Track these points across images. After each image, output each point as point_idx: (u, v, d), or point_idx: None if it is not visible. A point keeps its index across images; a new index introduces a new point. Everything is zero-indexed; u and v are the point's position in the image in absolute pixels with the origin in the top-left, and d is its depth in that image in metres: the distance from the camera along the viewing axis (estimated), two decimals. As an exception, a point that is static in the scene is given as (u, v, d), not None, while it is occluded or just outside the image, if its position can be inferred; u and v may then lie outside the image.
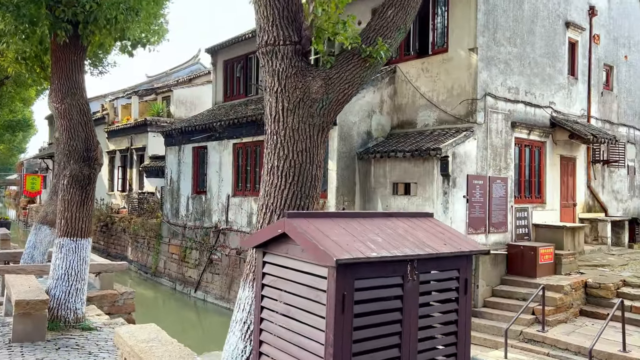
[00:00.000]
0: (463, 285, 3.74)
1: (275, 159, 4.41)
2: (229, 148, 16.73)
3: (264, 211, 4.41)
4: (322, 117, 4.48)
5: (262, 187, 4.52)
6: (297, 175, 4.37)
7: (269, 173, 4.45)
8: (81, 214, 6.91)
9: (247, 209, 15.73)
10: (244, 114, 15.79)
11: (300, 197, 4.38)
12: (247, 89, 19.71)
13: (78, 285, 6.90)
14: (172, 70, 36.60)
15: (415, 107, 13.43)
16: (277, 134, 4.42)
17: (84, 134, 7.00)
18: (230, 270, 15.92)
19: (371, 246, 3.27)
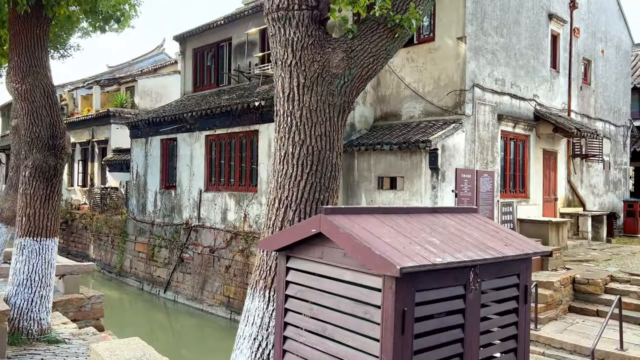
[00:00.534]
0: (523, 294, 3.17)
1: (289, 144, 3.74)
2: (200, 140, 15.84)
3: (277, 206, 3.74)
4: (343, 96, 3.83)
5: (273, 178, 3.85)
6: (316, 164, 3.71)
7: (282, 161, 3.77)
8: (46, 210, 6.04)
9: (221, 204, 14.91)
10: (218, 104, 14.94)
11: (319, 190, 3.73)
12: (218, 79, 18.79)
13: (43, 292, 6.04)
14: (135, 60, 35.11)
15: (399, 99, 12.92)
16: (291, 115, 3.75)
17: (48, 118, 6.12)
18: (203, 270, 15.07)
19: (431, 249, 2.65)
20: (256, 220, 13.71)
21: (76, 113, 26.58)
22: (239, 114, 14.15)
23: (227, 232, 14.55)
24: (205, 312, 14.68)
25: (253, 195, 13.91)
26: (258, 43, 16.86)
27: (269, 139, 13.45)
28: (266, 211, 3.88)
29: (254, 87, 16.04)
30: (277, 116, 3.89)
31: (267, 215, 3.83)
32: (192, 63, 19.70)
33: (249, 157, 14.31)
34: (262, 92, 14.45)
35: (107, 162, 22.53)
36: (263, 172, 13.58)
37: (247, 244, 13.81)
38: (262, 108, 13.36)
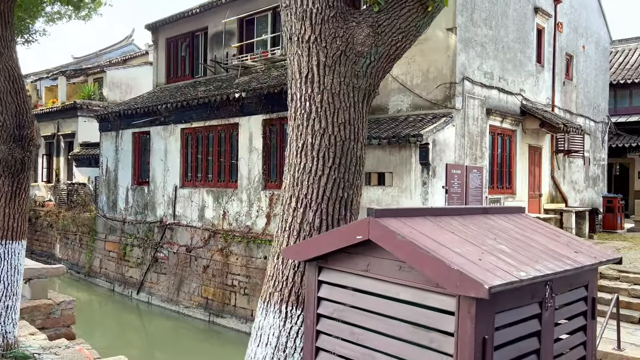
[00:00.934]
0: (591, 308, 2.72)
1: (308, 133, 3.20)
2: (176, 134, 15.08)
3: (294, 206, 3.19)
4: (369, 78, 3.31)
5: (287, 173, 3.30)
6: (339, 157, 3.19)
7: (299, 154, 3.23)
8: (12, 209, 5.33)
9: (198, 201, 14.21)
10: (195, 96, 14.21)
11: (342, 187, 3.21)
12: (193, 70, 18.01)
13: (9, 302, 5.33)
14: (102, 51, 33.78)
15: (386, 91, 12.46)
16: (310, 99, 3.21)
17: (14, 105, 5.41)
18: (179, 270, 14.36)
19: (509, 261, 2.16)
20: (236, 217, 13.09)
21: (40, 105, 25.28)
22: (218, 106, 13.48)
23: (204, 231, 13.88)
24: (182, 314, 13.99)
25: (233, 192, 13.28)
26: (236, 33, 16.17)
27: (250, 132, 12.83)
28: (279, 211, 3.33)
29: (232, 79, 15.37)
30: (292, 101, 3.35)
31: (281, 217, 3.28)
32: (165, 53, 18.84)
33: (228, 152, 13.65)
34: (241, 84, 13.80)
35: (74, 157, 21.45)
36: (244, 168, 12.96)
37: (226, 242, 13.18)
38: (243, 100, 12.73)
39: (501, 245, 2.32)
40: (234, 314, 12.73)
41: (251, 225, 12.68)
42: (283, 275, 3.13)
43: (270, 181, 12.48)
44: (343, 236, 2.29)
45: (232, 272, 12.91)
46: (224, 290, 13.06)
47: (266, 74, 14.19)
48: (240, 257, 12.74)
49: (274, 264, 3.22)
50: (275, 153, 12.40)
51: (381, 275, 2.22)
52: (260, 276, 12.16)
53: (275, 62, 14.95)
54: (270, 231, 12.16)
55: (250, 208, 12.75)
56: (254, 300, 12.29)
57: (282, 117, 12.10)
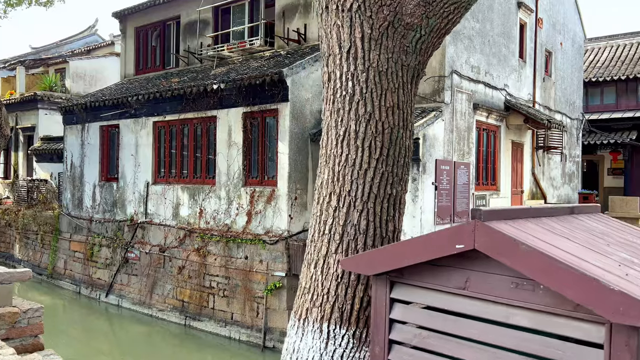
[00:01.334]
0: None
1: (351, 119, 2.71)
2: (148, 127, 14.27)
3: (334, 205, 2.70)
4: (418, 55, 2.85)
5: (324, 166, 2.80)
6: (387, 147, 2.72)
7: (340, 143, 2.73)
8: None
9: (172, 198, 13.47)
10: (168, 87, 13.45)
11: (391, 182, 2.74)
12: (164, 61, 17.18)
13: (-28, 315, 4.63)
14: (63, 41, 32.23)
15: (372, 84, 12.04)
16: (353, 78, 2.71)
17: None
18: (152, 271, 13.60)
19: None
20: (214, 216, 12.43)
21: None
22: (194, 98, 12.76)
23: (179, 229, 13.16)
24: (155, 318, 13.24)
25: (210, 189, 12.61)
26: (211, 22, 15.45)
27: (229, 126, 12.20)
28: (315, 210, 2.82)
29: (207, 70, 14.66)
30: (328, 81, 2.85)
31: (317, 217, 2.78)
32: (134, 43, 17.92)
33: (205, 146, 12.96)
34: (219, 75, 13.13)
35: (35, 152, 20.25)
36: (222, 163, 12.32)
37: (203, 242, 12.51)
38: (222, 92, 12.07)
39: (624, 254, 1.89)
40: (213, 317, 12.09)
41: (230, 224, 12.06)
42: (323, 287, 2.63)
43: (252, 177, 11.89)
44: (433, 245, 1.81)
45: (210, 273, 12.26)
46: (202, 292, 12.40)
47: (245, 65, 13.56)
48: (219, 257, 12.11)
49: (310, 274, 2.71)
50: (257, 148, 11.81)
51: (485, 294, 1.75)
52: (241, 277, 11.57)
53: (254, 53, 14.34)
54: (252, 230, 11.58)
55: (230, 205, 12.13)
56: (234, 303, 11.70)
57: (265, 110, 11.52)
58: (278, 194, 11.15)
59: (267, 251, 11.21)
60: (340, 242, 2.63)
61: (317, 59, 11.60)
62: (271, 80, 10.99)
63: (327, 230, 2.70)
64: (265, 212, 11.38)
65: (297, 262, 10.75)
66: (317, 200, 2.82)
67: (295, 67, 11.06)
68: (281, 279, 10.89)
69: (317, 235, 2.75)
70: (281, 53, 13.35)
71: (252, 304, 11.37)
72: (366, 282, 2.59)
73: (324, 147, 2.83)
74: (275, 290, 10.91)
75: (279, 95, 11.10)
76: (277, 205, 11.14)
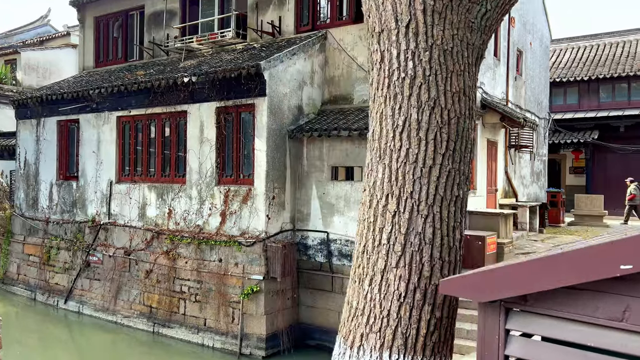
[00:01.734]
0: None
1: (412, 106, 2.29)
2: (111, 122, 13.42)
3: (394, 209, 2.27)
4: (483, 34, 2.48)
5: (377, 163, 2.37)
6: (454, 140, 2.31)
7: (399, 135, 2.32)
8: None
9: (138, 198, 12.70)
10: (134, 80, 12.65)
11: (458, 182, 2.34)
12: (127, 52, 16.28)
13: None
14: (12, 31, 30.41)
15: (351, 80, 11.68)
16: (414, 57, 2.30)
17: None
18: (116, 275, 12.79)
19: None
20: (184, 216, 11.77)
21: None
22: (163, 91, 12.05)
23: (146, 231, 12.41)
24: (120, 325, 12.45)
25: (180, 188, 11.93)
26: (178, 12, 14.70)
27: (201, 121, 11.56)
28: (365, 215, 2.37)
29: (174, 63, 13.93)
30: (380, 61, 2.42)
31: (368, 224, 2.34)
32: (93, 34, 16.92)
33: (174, 143, 12.26)
34: (189, 68, 12.45)
35: (-17, 148, 18.88)
36: (193, 161, 11.67)
37: (173, 244, 11.83)
38: (193, 85, 11.42)
39: None
40: (183, 324, 11.44)
41: (203, 225, 11.43)
42: (382, 308, 2.19)
43: (225, 176, 11.29)
44: (584, 265, 1.41)
45: (181, 277, 11.60)
46: (171, 297, 11.71)
47: (216, 58, 12.92)
48: (190, 260, 11.46)
49: (364, 293, 2.27)
50: (231, 144, 11.23)
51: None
52: (215, 281, 10.98)
53: (225, 46, 13.71)
54: (226, 231, 11.00)
55: (202, 205, 11.49)
56: (207, 308, 11.09)
57: (240, 104, 10.95)
58: (255, 193, 10.61)
59: (243, 253, 10.66)
60: (402, 254, 2.20)
61: (295, 52, 11.12)
62: (248, 73, 10.44)
63: (384, 239, 2.27)
64: (240, 213, 10.82)
65: (276, 265, 10.27)
66: (367, 204, 2.38)
67: (273, 60, 10.55)
68: (259, 283, 10.37)
69: (372, 245, 2.31)
70: (255, 46, 12.80)
71: (227, 309, 10.80)
72: (433, 301, 2.18)
73: (375, 140, 2.40)
74: (253, 294, 10.38)
75: (255, 90, 10.57)
76: (254, 205, 10.60)
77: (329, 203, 10.77)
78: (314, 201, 10.98)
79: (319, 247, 10.91)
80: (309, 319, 10.97)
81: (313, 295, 10.93)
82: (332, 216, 10.73)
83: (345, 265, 10.54)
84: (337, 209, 10.66)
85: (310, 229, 10.99)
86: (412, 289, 2.15)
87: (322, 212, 10.85)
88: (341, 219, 10.60)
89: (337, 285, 10.66)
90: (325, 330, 10.77)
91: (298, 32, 12.52)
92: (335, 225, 10.68)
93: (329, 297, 10.74)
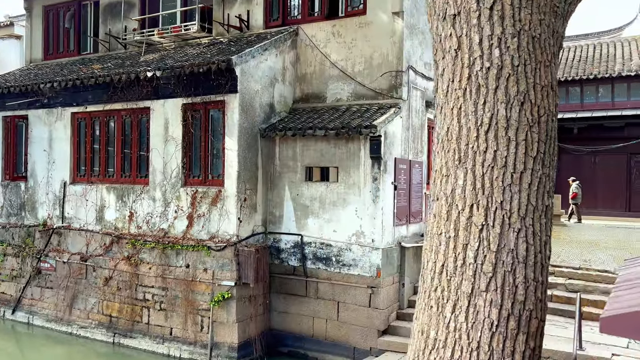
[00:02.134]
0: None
1: (498, 101, 1.99)
2: (64, 119, 12.52)
3: (482, 221, 1.95)
4: (564, 20, 2.17)
5: (457, 167, 2.03)
6: (544, 141, 2.00)
7: (485, 135, 2.00)
8: None
9: (95, 200, 11.89)
10: (91, 74, 11.82)
11: (548, 190, 2.03)
12: (80, 45, 15.30)
13: None
14: (-54, 19, 28.23)
15: (324, 78, 11.34)
16: (500, 44, 2.00)
17: None
18: (72, 283, 11.92)
19: None
20: (147, 219, 11.08)
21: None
22: (123, 87, 11.31)
23: (105, 235, 11.63)
24: (76, 336, 11.62)
25: (143, 189, 11.24)
26: (137, 3, 13.92)
27: (166, 119, 10.92)
28: (443, 229, 2.03)
29: (133, 57, 13.16)
30: (458, 49, 2.08)
31: (448, 239, 2.00)
32: (42, 24, 15.81)
33: (136, 141, 11.54)
34: (150, 62, 11.75)
35: None
36: (157, 161, 11.01)
37: (135, 249, 11.12)
38: (158, 80, 10.76)
39: None
40: (147, 333, 10.77)
41: (168, 229, 10.80)
42: (470, 340, 1.86)
43: (193, 176, 10.70)
44: None
45: (144, 283, 10.91)
46: (134, 305, 11.01)
47: (180, 52, 12.27)
48: (155, 266, 10.79)
49: (446, 321, 1.93)
50: (199, 143, 10.65)
51: None
52: (182, 287, 10.38)
53: (188, 40, 13.06)
54: (194, 235, 10.42)
55: (167, 208, 10.85)
56: (173, 316, 10.48)
57: (209, 101, 10.40)
58: (225, 195, 10.10)
59: (212, 258, 10.12)
60: (494, 276, 1.88)
61: (267, 47, 10.68)
62: (218, 68, 9.91)
63: (470, 258, 1.94)
64: (209, 215, 10.27)
65: (248, 270, 9.80)
66: (444, 215, 2.04)
67: (245, 56, 10.07)
68: (230, 289, 9.86)
69: (453, 265, 1.97)
70: (222, 40, 12.24)
71: (195, 317, 10.23)
72: (527, 329, 1.88)
73: (453, 140, 2.06)
74: (223, 301, 9.86)
75: (226, 86, 10.05)
76: (225, 208, 10.09)
77: (303, 205, 10.39)
78: (287, 203, 10.57)
79: (292, 251, 10.51)
80: (281, 325, 10.56)
81: (286, 300, 10.52)
82: (306, 218, 10.36)
83: (321, 269, 10.20)
84: (311, 211, 10.30)
85: (283, 231, 10.57)
86: (505, 316, 1.84)
87: (296, 214, 10.46)
88: (316, 221, 10.25)
89: (311, 290, 10.30)
90: (298, 337, 10.40)
91: (267, 27, 12.06)
92: (309, 228, 10.32)
93: (303, 302, 10.37)
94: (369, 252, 9.73)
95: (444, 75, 2.16)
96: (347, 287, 9.92)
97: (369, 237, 9.74)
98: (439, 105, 2.16)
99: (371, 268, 9.72)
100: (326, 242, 10.13)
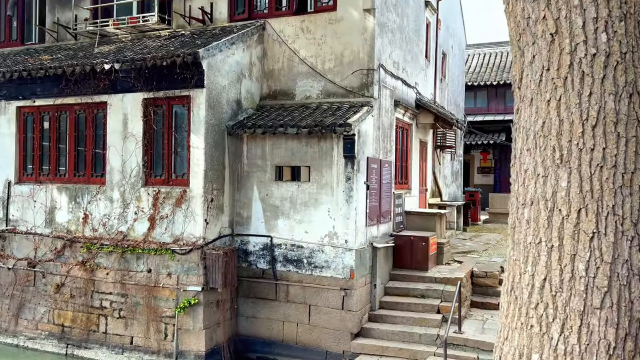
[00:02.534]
0: None
1: (606, 92, 1.75)
2: (8, 113, 11.56)
3: (594, 228, 1.71)
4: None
5: (559, 167, 1.79)
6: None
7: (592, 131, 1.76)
8: None
9: (45, 201, 11.03)
10: (40, 65, 10.95)
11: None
12: (24, 34, 14.23)
13: None
14: None
15: (292, 75, 11.01)
16: (607, 28, 1.76)
17: None
18: (18, 291, 11.02)
19: None
20: (104, 222, 10.38)
21: None
22: (77, 79, 10.54)
23: (56, 239, 10.81)
24: (24, 348, 10.74)
25: (99, 189, 10.52)
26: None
27: (124, 114, 10.26)
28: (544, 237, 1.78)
29: (86, 48, 12.33)
30: (553, 33, 1.84)
31: (550, 248, 1.75)
32: (-19, 10, 14.57)
33: (91, 138, 10.79)
34: (106, 54, 11.02)
35: None
36: (115, 159, 10.32)
37: (90, 253, 10.39)
38: (116, 73, 10.08)
39: None
40: (105, 343, 10.08)
41: (127, 231, 10.14)
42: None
43: (154, 175, 10.10)
44: None
45: (101, 290, 10.20)
46: (89, 313, 10.28)
47: (139, 44, 11.59)
48: (112, 271, 10.11)
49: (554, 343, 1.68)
50: (161, 140, 10.07)
51: None
52: (143, 294, 9.77)
53: (147, 32, 12.37)
54: (156, 237, 9.83)
55: (126, 209, 10.19)
56: (134, 325, 9.85)
57: (172, 96, 9.84)
58: (191, 195, 9.58)
59: (177, 262, 9.58)
60: (609, 291, 1.66)
61: (234, 41, 10.23)
62: (183, 62, 9.38)
63: (580, 270, 1.70)
64: (173, 217, 9.72)
65: (216, 274, 9.33)
66: (542, 221, 1.79)
67: (212, 49, 9.59)
68: (197, 294, 9.36)
69: (559, 278, 1.72)
70: (183, 33, 11.66)
71: (158, 325, 9.65)
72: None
73: (552, 136, 1.82)
74: (189, 307, 9.35)
75: (192, 80, 9.54)
76: (190, 209, 9.57)
77: (273, 205, 10.03)
78: (255, 203, 10.17)
79: (261, 253, 10.12)
80: (250, 330, 10.16)
81: (254, 304, 10.12)
82: (276, 219, 10.00)
83: (291, 271, 9.87)
84: (282, 212, 9.95)
85: (251, 233, 10.16)
86: (622, 337, 1.63)
87: (265, 215, 10.08)
88: (286, 222, 9.90)
89: (281, 293, 9.95)
90: (267, 342, 10.03)
91: (232, 20, 11.59)
92: (279, 229, 9.96)
93: (272, 306, 10.00)
94: (342, 254, 9.50)
95: (534, 63, 1.92)
96: (319, 290, 9.64)
97: (342, 237, 9.51)
98: (525, 97, 1.93)
99: (344, 270, 9.49)
100: (297, 244, 9.82)
